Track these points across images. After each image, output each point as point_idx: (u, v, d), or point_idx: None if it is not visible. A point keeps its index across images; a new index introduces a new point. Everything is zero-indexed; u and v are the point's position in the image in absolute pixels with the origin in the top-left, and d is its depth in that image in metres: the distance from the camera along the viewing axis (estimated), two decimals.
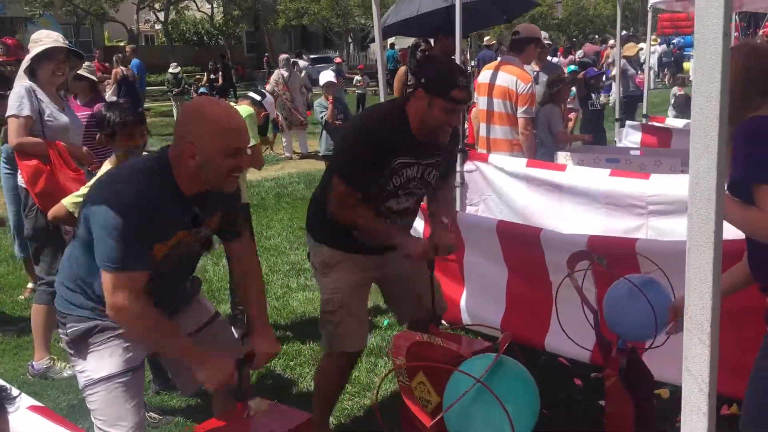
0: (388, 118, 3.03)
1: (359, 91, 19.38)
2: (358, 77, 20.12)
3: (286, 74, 13.09)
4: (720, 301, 0.94)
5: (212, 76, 18.26)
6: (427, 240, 3.13)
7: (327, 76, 8.76)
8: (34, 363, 4.24)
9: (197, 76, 19.07)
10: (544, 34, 6.23)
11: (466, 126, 7.16)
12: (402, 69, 7.64)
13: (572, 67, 9.70)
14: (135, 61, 16.15)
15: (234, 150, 2.35)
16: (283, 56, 14.62)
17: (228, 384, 2.42)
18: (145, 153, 3.72)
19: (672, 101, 12.98)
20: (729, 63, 0.87)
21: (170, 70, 18.84)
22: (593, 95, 9.09)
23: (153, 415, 3.66)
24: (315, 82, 13.42)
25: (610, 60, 14.67)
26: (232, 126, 2.36)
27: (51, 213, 3.62)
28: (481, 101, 5.62)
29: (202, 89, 16.95)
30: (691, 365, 0.94)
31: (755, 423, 2.14)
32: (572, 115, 8.35)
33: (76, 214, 3.49)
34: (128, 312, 2.30)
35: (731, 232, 1.82)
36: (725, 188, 2.00)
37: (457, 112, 2.96)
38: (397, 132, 2.95)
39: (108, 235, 2.25)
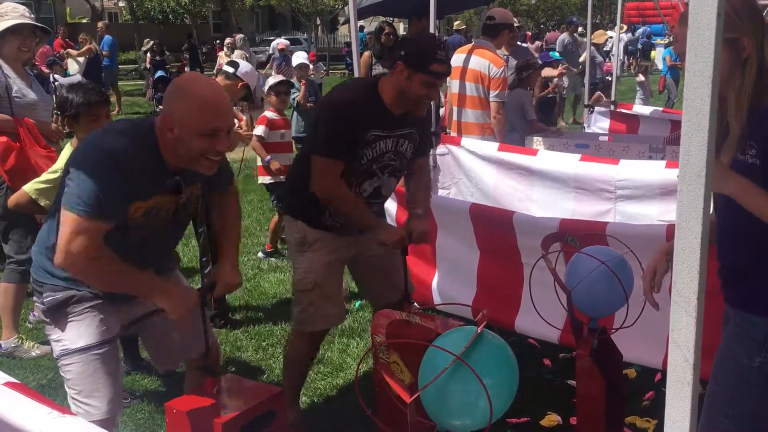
0: (361, 91, 3.07)
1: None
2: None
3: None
4: (706, 276, 0.98)
5: (157, 58, 17.45)
6: (401, 227, 3.16)
7: (300, 57, 8.70)
8: (1, 342, 4.18)
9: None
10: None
11: (442, 110, 7.16)
12: (366, 53, 7.63)
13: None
14: (107, 37, 15.78)
15: (209, 130, 2.24)
16: (239, 36, 14.58)
17: (192, 309, 2.40)
18: None
19: (637, 90, 13.13)
20: (721, 43, 0.90)
21: (143, 48, 18.57)
22: (548, 82, 9.13)
23: (124, 395, 3.63)
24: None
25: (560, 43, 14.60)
26: (210, 104, 2.25)
27: (12, 200, 3.53)
28: (453, 85, 5.63)
29: (159, 72, 16.38)
30: (677, 336, 0.98)
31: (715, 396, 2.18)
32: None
33: (39, 201, 3.42)
34: (83, 259, 2.21)
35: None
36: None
37: (437, 86, 2.98)
38: (370, 105, 2.98)
39: (88, 178, 2.17)
